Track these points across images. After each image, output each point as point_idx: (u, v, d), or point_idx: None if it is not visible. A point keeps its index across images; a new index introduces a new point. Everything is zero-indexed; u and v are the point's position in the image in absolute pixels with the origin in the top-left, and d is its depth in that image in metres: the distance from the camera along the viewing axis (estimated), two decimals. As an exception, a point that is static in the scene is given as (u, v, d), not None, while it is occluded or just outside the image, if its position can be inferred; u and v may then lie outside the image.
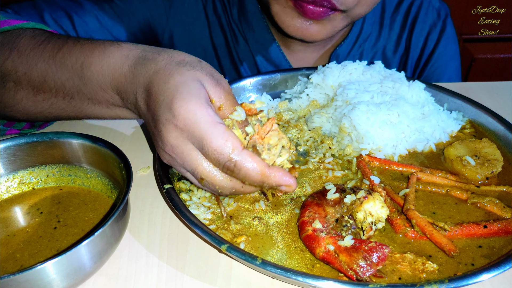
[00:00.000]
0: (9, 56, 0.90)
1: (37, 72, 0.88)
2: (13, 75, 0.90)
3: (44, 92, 0.89)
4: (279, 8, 1.19)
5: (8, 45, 0.92)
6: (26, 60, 0.89)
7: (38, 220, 0.80)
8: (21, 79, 0.90)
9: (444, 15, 1.50)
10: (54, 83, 0.88)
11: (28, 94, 0.91)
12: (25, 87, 0.90)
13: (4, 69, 0.91)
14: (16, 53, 0.90)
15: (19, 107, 0.93)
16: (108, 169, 0.84)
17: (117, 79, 0.82)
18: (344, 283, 0.65)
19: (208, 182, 0.74)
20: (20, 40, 0.92)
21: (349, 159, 0.98)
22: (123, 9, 1.33)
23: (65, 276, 0.64)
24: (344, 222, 0.77)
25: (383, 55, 1.50)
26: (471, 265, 0.73)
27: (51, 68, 0.87)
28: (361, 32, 1.45)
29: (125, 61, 0.81)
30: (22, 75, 0.89)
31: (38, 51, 0.89)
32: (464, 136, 1.06)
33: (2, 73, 0.91)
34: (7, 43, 0.92)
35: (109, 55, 0.83)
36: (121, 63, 0.81)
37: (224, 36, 1.45)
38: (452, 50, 1.52)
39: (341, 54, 1.44)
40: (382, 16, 1.48)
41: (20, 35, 0.93)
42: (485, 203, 0.84)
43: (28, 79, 0.89)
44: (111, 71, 0.82)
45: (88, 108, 0.89)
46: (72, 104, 0.90)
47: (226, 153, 0.69)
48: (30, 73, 0.89)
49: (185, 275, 0.73)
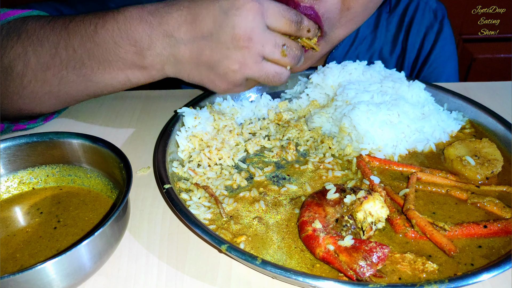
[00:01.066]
0: (18, 40, 0.91)
1: (48, 46, 0.89)
2: (23, 57, 0.90)
3: (54, 66, 0.89)
4: None
5: (15, 32, 0.92)
6: (37, 38, 0.89)
7: (38, 220, 0.80)
8: (31, 58, 0.89)
9: (441, 16, 1.49)
10: (65, 53, 0.88)
11: (36, 73, 0.90)
12: (35, 66, 0.90)
13: (13, 54, 0.90)
14: (25, 35, 0.90)
15: (27, 91, 0.92)
16: (108, 169, 0.84)
17: (136, 28, 0.84)
18: (344, 283, 0.65)
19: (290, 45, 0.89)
20: (27, 25, 0.92)
21: (349, 159, 0.98)
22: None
23: (65, 276, 0.64)
24: (344, 222, 0.77)
25: (379, 57, 1.49)
26: (470, 265, 0.73)
27: (63, 38, 0.88)
28: (357, 35, 1.44)
29: (143, 11, 0.85)
30: (32, 53, 0.89)
31: (48, 28, 0.90)
32: (464, 136, 1.06)
33: (11, 59, 0.90)
34: (13, 30, 0.92)
35: (124, 11, 0.85)
36: (139, 13, 0.84)
37: None
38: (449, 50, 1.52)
39: (337, 57, 1.44)
40: (378, 18, 1.47)
41: (26, 21, 0.93)
42: (485, 203, 0.84)
43: (38, 56, 0.89)
44: (128, 22, 0.84)
45: (98, 75, 0.90)
46: (82, 73, 0.90)
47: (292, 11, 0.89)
48: (40, 49, 0.89)
49: (185, 275, 0.73)
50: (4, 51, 0.91)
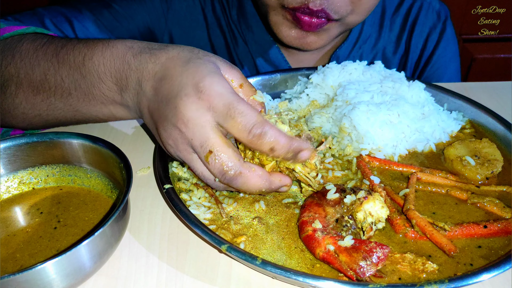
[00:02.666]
0: (12, 61, 0.91)
1: (38, 71, 0.89)
2: (15, 78, 0.91)
3: (43, 91, 0.90)
4: (277, 19, 1.22)
5: (10, 51, 0.93)
6: (29, 62, 0.90)
7: (38, 220, 0.80)
8: (23, 80, 0.90)
9: (444, 17, 1.50)
10: (54, 80, 0.88)
11: (27, 96, 0.91)
12: (26, 89, 0.91)
13: (7, 74, 0.91)
14: (19, 57, 0.91)
15: (18, 112, 0.94)
16: (108, 169, 0.84)
17: (118, 67, 0.83)
18: (344, 283, 0.65)
19: (216, 154, 0.73)
20: (22, 45, 0.92)
21: (349, 159, 0.98)
22: (122, 14, 1.33)
23: (65, 276, 0.64)
24: (344, 222, 0.77)
25: (383, 57, 1.50)
26: (469, 265, 0.73)
27: (53, 65, 0.88)
28: (361, 34, 1.45)
29: (128, 50, 0.83)
30: (24, 76, 0.90)
31: (41, 52, 0.90)
32: (464, 136, 1.06)
33: (5, 79, 0.92)
34: (9, 49, 0.93)
35: (113, 46, 0.84)
36: (124, 52, 0.83)
37: (223, 38, 1.45)
38: (452, 51, 1.53)
39: (341, 55, 1.44)
40: (382, 18, 1.48)
41: (22, 40, 0.94)
42: (485, 203, 0.84)
43: (29, 80, 0.90)
44: (113, 59, 0.83)
45: (84, 106, 0.90)
46: (68, 103, 0.90)
47: (254, 115, 0.71)
48: (31, 73, 0.89)
49: (185, 275, 0.73)
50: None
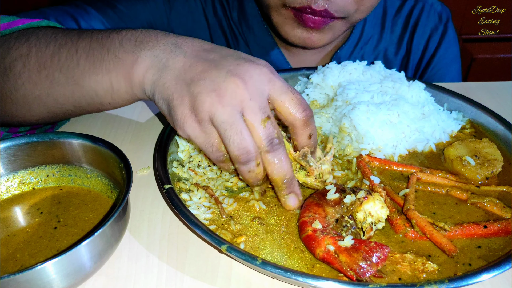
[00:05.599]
0: (26, 42, 0.89)
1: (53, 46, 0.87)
2: (24, 57, 0.88)
3: (50, 67, 0.87)
4: (280, 19, 1.21)
5: (25, 35, 0.91)
6: (45, 40, 0.87)
7: (38, 220, 0.80)
8: (32, 59, 0.87)
9: (446, 19, 1.50)
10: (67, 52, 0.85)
11: (31, 74, 0.88)
12: (32, 66, 0.88)
13: (16, 54, 0.89)
14: (35, 37, 0.89)
15: (18, 94, 0.91)
16: (108, 169, 0.84)
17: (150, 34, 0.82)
18: (344, 283, 0.65)
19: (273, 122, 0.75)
20: (40, 30, 0.91)
21: (349, 159, 0.98)
22: (127, 14, 1.33)
23: (65, 276, 0.64)
24: (344, 222, 0.77)
25: (384, 58, 1.50)
26: (468, 265, 0.73)
27: (71, 39, 0.86)
28: (362, 35, 1.45)
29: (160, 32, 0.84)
30: (35, 53, 0.87)
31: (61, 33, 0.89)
32: (464, 136, 1.06)
33: (14, 58, 0.89)
34: (24, 34, 0.91)
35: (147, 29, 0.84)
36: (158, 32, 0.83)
37: (224, 38, 1.46)
38: (453, 53, 1.53)
39: (343, 56, 1.44)
40: (383, 19, 1.48)
41: (38, 28, 0.92)
42: (485, 203, 0.84)
43: (39, 57, 0.87)
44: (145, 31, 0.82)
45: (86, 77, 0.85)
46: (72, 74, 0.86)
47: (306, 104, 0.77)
48: (45, 48, 0.87)
49: (185, 275, 0.73)
50: (8, 51, 0.90)
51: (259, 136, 0.73)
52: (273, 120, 0.75)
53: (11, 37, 0.93)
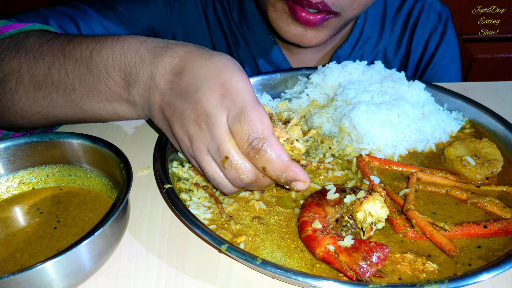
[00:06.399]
0: (15, 55, 0.90)
1: (43, 65, 0.87)
2: (17, 72, 0.89)
3: (45, 87, 0.88)
4: (276, 14, 1.21)
5: (15, 46, 0.91)
6: (33, 56, 0.88)
7: (38, 220, 0.80)
8: (24, 75, 0.88)
9: (445, 18, 1.50)
10: (58, 75, 0.86)
11: (28, 92, 0.89)
12: (27, 84, 0.89)
13: (8, 69, 0.90)
14: (23, 51, 0.89)
15: (17, 108, 0.92)
16: (108, 169, 0.84)
17: (129, 61, 0.81)
18: (344, 283, 0.65)
19: (232, 161, 0.73)
20: (28, 40, 0.91)
21: (349, 159, 0.98)
22: (127, 16, 1.33)
23: (65, 276, 0.64)
24: (344, 222, 0.77)
25: (383, 57, 1.50)
26: (468, 265, 0.73)
27: (58, 59, 0.87)
28: (361, 34, 1.45)
29: (141, 44, 0.82)
30: (26, 71, 0.88)
31: (47, 47, 0.89)
32: (464, 136, 1.06)
33: (6, 73, 0.90)
34: (14, 45, 0.92)
35: (123, 41, 0.83)
36: (136, 46, 0.82)
37: (225, 39, 1.46)
38: (453, 53, 1.53)
39: (342, 56, 1.44)
40: (383, 19, 1.48)
41: (28, 36, 0.93)
42: (485, 203, 0.84)
43: (31, 74, 0.88)
44: (124, 53, 0.82)
45: (87, 103, 0.88)
46: (71, 99, 0.88)
47: (260, 128, 0.70)
48: (35, 67, 0.88)
49: (185, 275, 0.73)
50: (0, 64, 0.91)
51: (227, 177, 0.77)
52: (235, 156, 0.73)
53: (1, 46, 0.93)
